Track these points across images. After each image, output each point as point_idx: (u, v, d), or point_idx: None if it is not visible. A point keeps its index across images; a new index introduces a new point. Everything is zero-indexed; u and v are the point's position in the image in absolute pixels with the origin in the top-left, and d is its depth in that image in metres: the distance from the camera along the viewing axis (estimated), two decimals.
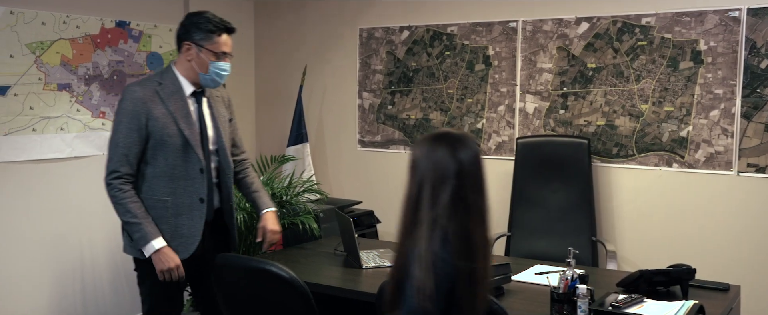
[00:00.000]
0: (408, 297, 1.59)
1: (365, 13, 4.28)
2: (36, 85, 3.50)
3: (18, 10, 3.40)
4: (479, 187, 1.66)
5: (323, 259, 3.09)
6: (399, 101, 4.20)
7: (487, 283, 1.67)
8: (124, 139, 2.48)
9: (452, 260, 1.58)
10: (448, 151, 1.65)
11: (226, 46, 2.59)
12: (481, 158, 1.69)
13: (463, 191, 1.63)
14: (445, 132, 1.71)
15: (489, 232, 1.68)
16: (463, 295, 1.59)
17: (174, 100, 2.54)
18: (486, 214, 1.67)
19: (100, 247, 3.86)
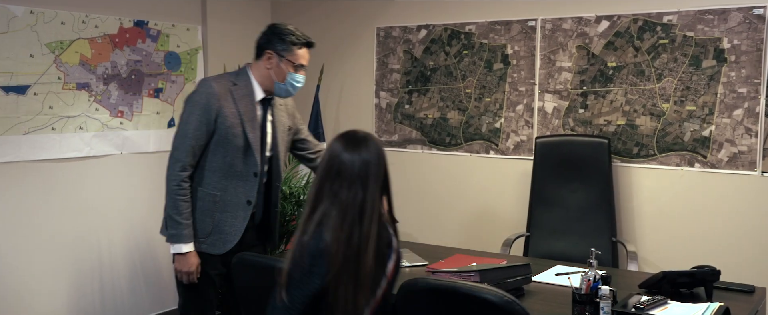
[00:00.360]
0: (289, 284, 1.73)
1: (383, 12, 4.26)
2: (55, 85, 3.52)
3: (38, 10, 3.42)
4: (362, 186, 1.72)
5: None
6: (416, 100, 4.18)
7: (361, 282, 1.71)
8: (194, 132, 2.54)
9: (325, 254, 1.68)
10: (341, 150, 1.75)
11: (304, 59, 2.68)
12: (370, 159, 1.75)
13: (342, 189, 1.72)
14: (347, 132, 1.81)
15: (369, 231, 1.72)
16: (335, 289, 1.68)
17: (244, 102, 2.61)
18: (367, 214, 1.71)
19: (118, 246, 3.87)
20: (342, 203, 1.72)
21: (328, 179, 1.75)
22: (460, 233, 4.06)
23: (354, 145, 1.76)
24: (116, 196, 3.84)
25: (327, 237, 1.71)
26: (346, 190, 1.72)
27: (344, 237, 1.70)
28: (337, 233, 1.70)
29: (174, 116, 4.12)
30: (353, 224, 1.71)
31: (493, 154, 3.95)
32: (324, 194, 1.75)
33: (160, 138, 4.04)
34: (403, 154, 4.25)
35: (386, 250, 1.80)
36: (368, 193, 1.73)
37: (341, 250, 1.70)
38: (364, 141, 1.78)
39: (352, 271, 1.70)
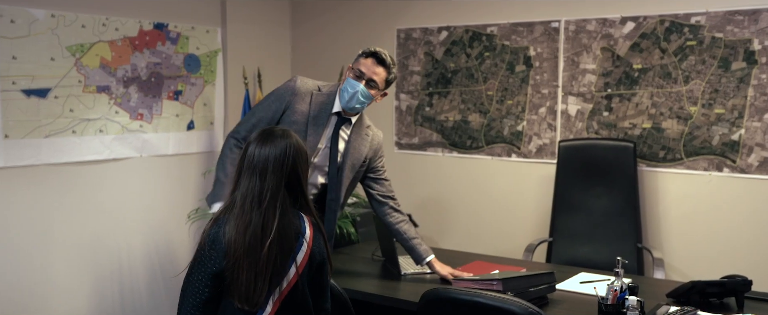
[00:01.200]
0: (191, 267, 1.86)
1: (403, 13, 4.21)
2: (76, 88, 3.52)
3: (59, 13, 3.42)
4: (260, 176, 1.82)
5: (361, 265, 3.04)
6: (437, 103, 4.13)
7: (260, 270, 1.77)
8: (260, 112, 2.71)
9: (222, 240, 1.79)
10: (251, 144, 1.87)
11: (365, 67, 2.67)
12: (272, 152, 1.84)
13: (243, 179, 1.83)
14: (265, 129, 1.92)
15: (267, 220, 1.79)
16: (236, 275, 1.76)
17: (319, 107, 2.70)
18: (266, 203, 1.79)
19: (137, 249, 3.87)
20: (242, 193, 1.81)
21: (238, 171, 1.86)
22: (481, 238, 4.00)
23: (263, 140, 1.85)
24: (136, 199, 3.84)
25: (228, 225, 1.80)
26: (247, 180, 1.81)
27: (243, 225, 1.77)
28: (236, 221, 1.78)
29: (193, 119, 4.11)
30: (252, 213, 1.78)
31: (515, 158, 3.89)
32: (235, 187, 1.86)
33: (179, 141, 4.04)
34: (423, 157, 4.21)
35: (294, 241, 1.82)
36: (266, 183, 1.80)
37: (241, 238, 1.76)
38: (272, 136, 1.86)
39: (252, 259, 1.76)
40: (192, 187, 4.11)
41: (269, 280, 1.79)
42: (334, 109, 2.71)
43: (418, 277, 2.81)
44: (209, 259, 1.81)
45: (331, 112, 2.71)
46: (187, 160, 4.09)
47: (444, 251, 3.27)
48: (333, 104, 2.71)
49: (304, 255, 1.83)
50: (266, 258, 1.76)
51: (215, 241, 1.81)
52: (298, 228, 1.85)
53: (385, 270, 2.94)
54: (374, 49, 2.70)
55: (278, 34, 4.58)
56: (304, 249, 1.84)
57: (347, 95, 2.66)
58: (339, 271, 2.89)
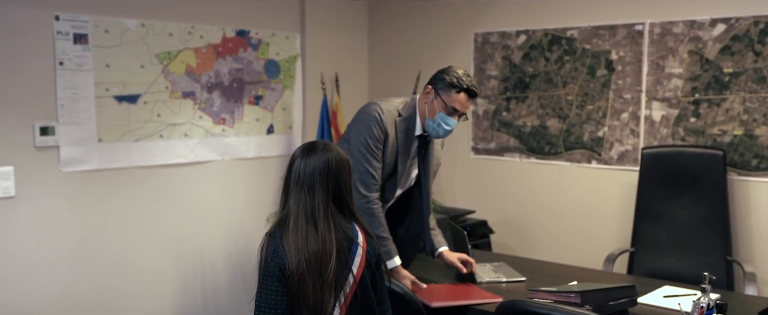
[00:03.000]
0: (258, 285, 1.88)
1: (481, 17, 4.18)
2: (163, 94, 3.67)
3: (148, 23, 3.58)
4: (309, 191, 1.86)
5: (436, 271, 3.02)
6: (515, 108, 4.07)
7: (326, 283, 1.82)
8: (365, 161, 2.65)
9: (281, 249, 1.83)
10: (295, 158, 1.91)
11: (459, 105, 2.63)
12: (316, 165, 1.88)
13: (292, 195, 1.87)
14: (308, 142, 1.96)
15: (325, 234, 1.84)
16: (303, 291, 1.80)
17: (404, 135, 2.69)
18: (320, 217, 1.84)
19: (219, 250, 4.00)
20: (294, 210, 1.86)
21: (286, 188, 1.91)
22: (558, 246, 3.92)
23: (306, 155, 1.90)
24: (218, 201, 3.97)
25: (284, 241, 1.84)
26: (296, 196, 1.86)
27: (303, 242, 1.82)
28: (295, 239, 1.82)
29: (273, 123, 4.21)
30: (308, 230, 1.83)
31: (595, 164, 3.78)
32: (285, 201, 1.91)
33: (259, 144, 4.14)
34: (500, 163, 4.15)
35: (348, 251, 1.88)
36: (316, 199, 1.85)
37: (302, 257, 1.81)
38: (314, 150, 1.90)
39: (316, 274, 1.81)
40: (271, 190, 4.21)
41: (334, 289, 1.84)
42: (417, 133, 2.71)
43: (494, 286, 2.77)
44: (275, 273, 1.84)
45: (414, 136, 2.71)
46: (266, 163, 4.20)
47: (521, 259, 3.21)
48: (415, 128, 2.69)
49: (360, 259, 1.90)
50: (329, 271, 1.82)
51: (276, 254, 1.85)
52: (351, 235, 1.90)
53: (460, 277, 2.91)
54: (467, 84, 2.60)
55: (356, 39, 4.63)
56: (360, 253, 1.90)
57: (442, 131, 2.64)
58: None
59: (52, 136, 3.25)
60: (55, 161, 3.28)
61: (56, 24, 3.27)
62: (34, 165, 3.20)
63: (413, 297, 2.31)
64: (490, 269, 2.96)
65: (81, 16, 3.34)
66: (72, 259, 3.36)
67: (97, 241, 3.45)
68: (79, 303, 3.40)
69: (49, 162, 3.23)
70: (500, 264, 3.06)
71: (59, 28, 3.28)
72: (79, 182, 3.36)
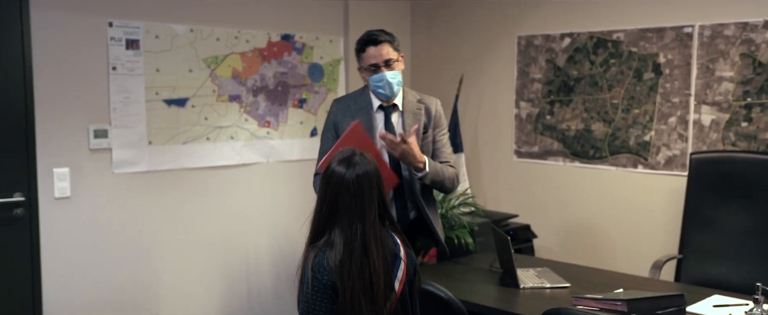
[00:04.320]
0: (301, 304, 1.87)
1: (524, 20, 4.15)
2: (210, 97, 3.75)
3: (197, 28, 3.66)
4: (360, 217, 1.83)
5: (478, 276, 3.03)
6: (558, 111, 4.03)
7: (377, 305, 1.83)
8: (322, 146, 2.90)
9: (328, 266, 1.81)
10: (339, 171, 1.86)
11: (373, 58, 2.71)
12: (361, 178, 1.85)
13: (344, 205, 1.84)
14: (345, 154, 1.92)
15: (376, 259, 1.83)
16: (344, 301, 1.80)
17: (361, 114, 2.78)
18: (370, 243, 1.82)
19: (264, 251, 4.06)
20: (345, 236, 1.82)
21: (330, 201, 1.87)
22: (603, 252, 3.87)
23: (348, 166, 1.86)
24: (263, 203, 4.03)
25: (334, 264, 1.82)
26: (347, 218, 1.83)
27: (356, 272, 1.81)
28: (346, 267, 1.81)
29: (316, 126, 4.26)
30: (361, 257, 1.81)
31: (641, 169, 3.73)
32: (330, 216, 1.88)
33: (303, 147, 4.19)
34: (543, 167, 4.12)
35: (392, 267, 1.88)
36: (366, 224, 1.83)
37: (357, 284, 1.80)
38: (353, 162, 1.87)
39: (369, 298, 1.81)
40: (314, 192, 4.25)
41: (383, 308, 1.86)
42: (375, 105, 2.78)
43: (538, 292, 2.76)
44: (326, 291, 1.83)
45: (372, 111, 2.78)
46: (310, 165, 4.23)
47: (565, 265, 3.19)
48: (370, 103, 2.79)
49: (402, 274, 1.91)
50: (379, 294, 1.83)
51: (324, 270, 1.83)
52: (395, 251, 1.90)
53: (503, 282, 2.91)
54: (364, 37, 2.72)
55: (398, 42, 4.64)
56: (402, 268, 1.91)
57: (380, 89, 2.70)
58: (457, 283, 2.90)
59: (105, 138, 3.36)
60: (108, 163, 3.38)
61: (110, 30, 3.37)
62: (89, 166, 3.30)
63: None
64: (534, 274, 2.95)
65: (133, 22, 3.43)
66: (123, 257, 3.45)
67: (147, 241, 3.54)
68: (129, 301, 3.49)
69: (102, 164, 3.34)
70: (544, 269, 3.04)
71: (113, 34, 3.38)
72: (130, 183, 3.46)
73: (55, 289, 3.23)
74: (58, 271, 3.24)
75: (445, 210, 3.47)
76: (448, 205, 3.52)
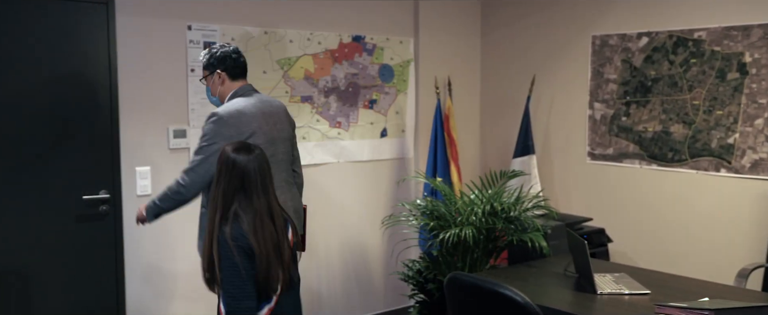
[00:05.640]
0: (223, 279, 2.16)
1: (599, 19, 4.05)
2: (283, 98, 3.81)
3: (271, 30, 3.73)
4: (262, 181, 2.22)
5: (552, 280, 2.96)
6: (635, 112, 3.92)
7: (285, 263, 2.23)
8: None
9: (244, 234, 2.14)
10: (241, 157, 2.20)
11: None
12: (257, 163, 2.22)
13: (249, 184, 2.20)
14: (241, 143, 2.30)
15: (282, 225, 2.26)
16: (267, 273, 2.16)
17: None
18: (275, 212, 2.24)
19: (334, 250, 4.10)
20: (255, 208, 2.18)
21: (235, 188, 2.19)
22: (683, 258, 3.73)
23: (247, 152, 2.21)
24: (333, 203, 4.07)
25: (250, 239, 2.14)
26: (253, 196, 2.18)
27: (267, 234, 2.17)
28: (257, 234, 2.15)
29: (386, 127, 4.27)
30: (269, 223, 2.19)
31: (724, 173, 3.58)
32: (232, 200, 2.19)
33: (373, 147, 4.21)
34: (618, 169, 4.01)
35: (286, 227, 2.29)
36: (270, 196, 2.23)
37: (266, 242, 2.16)
38: (250, 149, 2.23)
39: (276, 254, 2.19)
40: (384, 192, 4.27)
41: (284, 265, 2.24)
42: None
43: (616, 298, 2.68)
44: (249, 256, 2.15)
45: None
46: (380, 166, 4.26)
47: (644, 271, 3.09)
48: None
49: (290, 233, 2.34)
50: (285, 253, 2.22)
51: (242, 240, 2.14)
52: (284, 215, 2.32)
53: (579, 287, 2.84)
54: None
55: (468, 43, 4.62)
56: (290, 228, 2.34)
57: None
58: (531, 286, 2.85)
59: (183, 138, 3.46)
60: (186, 162, 3.46)
61: (188, 33, 3.46)
62: (168, 165, 3.41)
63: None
64: (611, 280, 2.87)
65: (210, 25, 3.52)
66: (198, 256, 3.54)
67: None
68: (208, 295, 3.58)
69: (180, 163, 3.43)
70: (621, 275, 2.96)
71: (191, 37, 3.47)
72: None
73: (137, 281, 3.35)
74: (140, 265, 3.36)
75: (518, 212, 3.42)
76: (520, 207, 3.47)
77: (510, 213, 3.38)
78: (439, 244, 3.45)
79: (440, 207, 3.55)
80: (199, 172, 2.65)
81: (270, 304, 2.19)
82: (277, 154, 2.75)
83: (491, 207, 3.37)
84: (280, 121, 2.82)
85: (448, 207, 3.55)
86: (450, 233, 3.28)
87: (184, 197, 2.71)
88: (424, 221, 3.55)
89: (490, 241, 3.46)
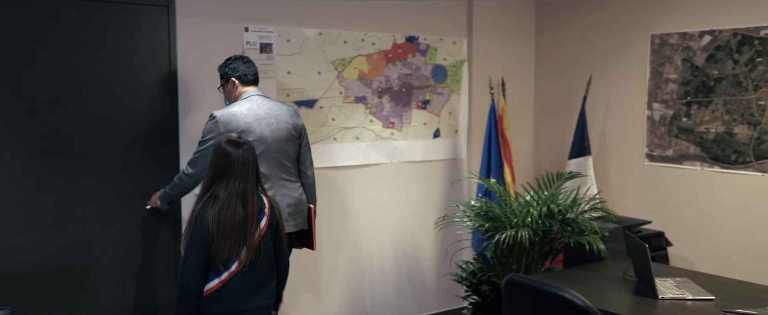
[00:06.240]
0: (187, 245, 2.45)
1: (659, 17, 3.95)
2: (337, 99, 3.84)
3: (325, 31, 3.76)
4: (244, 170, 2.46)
5: (611, 284, 2.91)
6: (696, 113, 3.81)
7: (248, 239, 2.44)
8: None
9: (207, 215, 2.41)
10: (231, 149, 2.47)
11: None
12: (241, 154, 2.47)
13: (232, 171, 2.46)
14: (230, 136, 2.55)
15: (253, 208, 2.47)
16: (221, 245, 2.40)
17: None
18: (249, 197, 2.46)
19: (387, 250, 4.11)
20: (229, 190, 2.43)
21: (219, 172, 2.45)
22: (746, 264, 3.61)
23: (236, 146, 2.46)
24: (386, 203, 4.08)
25: (211, 213, 2.40)
26: (230, 181, 2.43)
27: (230, 214, 2.41)
28: (223, 210, 2.40)
29: (439, 127, 4.26)
30: (237, 205, 2.42)
31: None
32: (214, 181, 2.46)
33: (426, 148, 4.21)
34: (678, 171, 3.90)
35: (259, 215, 2.49)
36: (248, 182, 2.46)
37: (228, 223, 2.39)
38: (241, 143, 2.48)
39: (237, 232, 2.41)
40: (437, 193, 4.26)
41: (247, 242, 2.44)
42: None
43: (679, 303, 2.61)
44: (203, 234, 2.40)
45: None
46: (432, 166, 4.26)
47: (707, 277, 3.00)
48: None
49: (264, 222, 2.50)
50: (251, 232, 2.44)
51: (204, 221, 2.41)
52: (261, 205, 2.51)
53: (639, 291, 2.78)
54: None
55: (522, 43, 4.57)
56: (265, 219, 2.51)
57: None
58: (589, 290, 2.80)
59: None
60: None
61: (245, 35, 3.52)
62: None
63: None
64: (673, 285, 2.80)
65: (267, 27, 3.57)
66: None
67: None
68: None
69: None
70: (683, 279, 2.88)
71: (248, 38, 3.53)
72: None
73: None
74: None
75: (575, 214, 3.36)
76: (577, 209, 3.41)
77: (567, 215, 3.33)
78: (494, 246, 3.42)
79: (495, 208, 3.52)
80: (198, 163, 3.00)
81: (221, 277, 2.42)
82: (270, 151, 3.03)
83: (548, 209, 3.32)
84: (277, 123, 3.07)
85: (503, 208, 3.52)
86: (506, 235, 3.25)
87: (187, 185, 3.09)
88: (479, 222, 3.53)
89: (546, 243, 3.42)
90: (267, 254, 2.51)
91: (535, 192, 3.50)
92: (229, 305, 2.44)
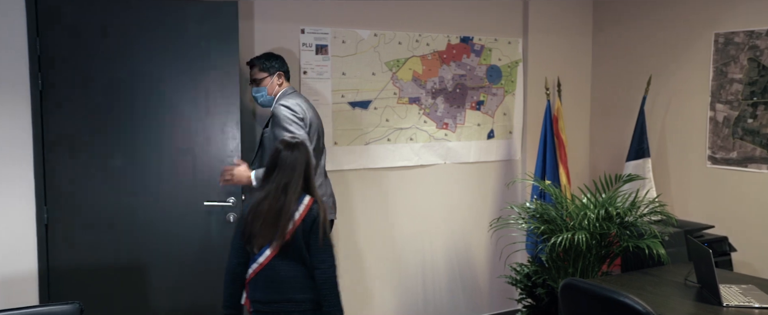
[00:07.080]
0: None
1: (723, 16, 3.83)
2: (391, 100, 3.85)
3: (380, 32, 3.78)
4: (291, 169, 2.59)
5: (672, 290, 2.83)
6: (763, 114, 3.67)
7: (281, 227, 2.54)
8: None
9: (247, 206, 2.62)
10: (286, 152, 2.61)
11: (250, 76, 3.31)
12: (293, 156, 2.60)
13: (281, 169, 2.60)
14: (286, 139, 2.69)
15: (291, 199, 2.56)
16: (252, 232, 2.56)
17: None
18: (290, 189, 2.57)
19: (439, 251, 4.10)
20: (277, 181, 2.57)
21: (273, 166, 2.61)
22: None
23: (290, 148, 2.61)
24: (439, 204, 4.07)
25: (252, 205, 2.57)
26: (280, 172, 2.58)
27: (272, 200, 2.53)
28: (263, 202, 2.55)
29: (493, 128, 4.22)
30: (281, 195, 2.55)
31: None
32: (267, 178, 2.61)
33: (480, 149, 4.18)
34: (742, 174, 3.77)
35: (296, 205, 2.57)
36: (295, 176, 2.58)
37: (261, 210, 2.53)
38: (297, 146, 2.62)
39: (270, 221, 2.52)
40: (491, 194, 4.23)
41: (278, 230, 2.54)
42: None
43: (744, 311, 2.53)
44: (240, 220, 2.61)
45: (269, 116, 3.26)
46: (486, 167, 4.22)
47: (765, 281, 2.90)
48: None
49: (299, 216, 2.55)
50: (286, 221, 2.53)
51: (246, 207, 2.60)
52: (301, 199, 2.60)
53: (702, 298, 2.70)
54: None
55: (579, 43, 4.49)
56: (301, 213, 2.56)
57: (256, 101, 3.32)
58: (649, 296, 2.74)
59: None
60: None
61: (302, 37, 3.57)
62: None
63: None
64: (738, 292, 2.71)
65: (322, 29, 3.61)
66: None
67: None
68: None
69: None
70: (749, 287, 2.78)
71: (304, 40, 3.58)
72: None
73: None
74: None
75: (635, 218, 3.29)
76: (636, 212, 3.33)
77: (625, 218, 3.26)
78: (550, 249, 3.37)
79: (550, 210, 3.47)
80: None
81: (257, 263, 2.56)
82: (319, 145, 3.23)
83: (606, 211, 3.26)
84: (319, 117, 3.30)
85: (559, 211, 3.47)
86: (562, 238, 3.20)
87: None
88: (534, 224, 3.48)
89: (603, 247, 3.35)
90: (299, 248, 2.57)
91: (592, 194, 3.44)
92: (265, 293, 2.57)
